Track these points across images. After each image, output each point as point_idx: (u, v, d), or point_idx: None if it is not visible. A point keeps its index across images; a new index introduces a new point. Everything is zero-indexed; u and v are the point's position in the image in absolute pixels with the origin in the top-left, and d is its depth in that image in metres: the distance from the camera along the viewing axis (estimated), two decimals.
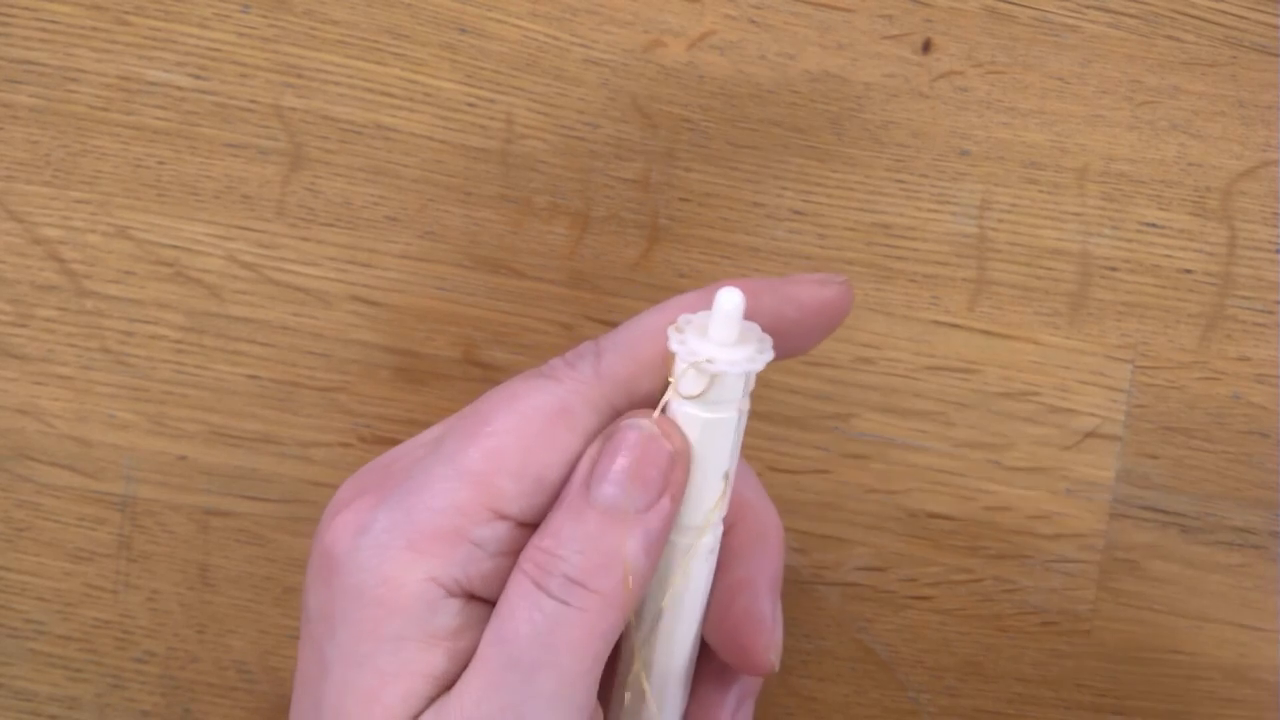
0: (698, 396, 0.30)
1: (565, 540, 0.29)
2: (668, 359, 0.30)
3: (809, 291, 0.31)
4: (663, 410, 0.30)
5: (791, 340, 0.31)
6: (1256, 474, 0.40)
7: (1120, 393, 0.40)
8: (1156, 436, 0.40)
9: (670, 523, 0.30)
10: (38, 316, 0.40)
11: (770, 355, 0.30)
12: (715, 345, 0.29)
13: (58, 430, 0.40)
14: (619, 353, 0.31)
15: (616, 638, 0.30)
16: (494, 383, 0.40)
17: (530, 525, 0.30)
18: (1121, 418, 0.40)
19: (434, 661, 0.30)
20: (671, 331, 0.30)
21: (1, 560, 0.40)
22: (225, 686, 0.40)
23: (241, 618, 0.40)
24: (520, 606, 0.29)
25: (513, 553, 0.30)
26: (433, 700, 0.30)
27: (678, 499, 0.30)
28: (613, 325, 0.40)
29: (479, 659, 0.29)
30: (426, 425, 0.39)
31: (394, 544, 0.30)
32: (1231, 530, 0.40)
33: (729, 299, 0.29)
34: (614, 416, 0.30)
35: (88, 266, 0.40)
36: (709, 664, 0.34)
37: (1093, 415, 0.40)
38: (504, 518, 0.30)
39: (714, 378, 0.29)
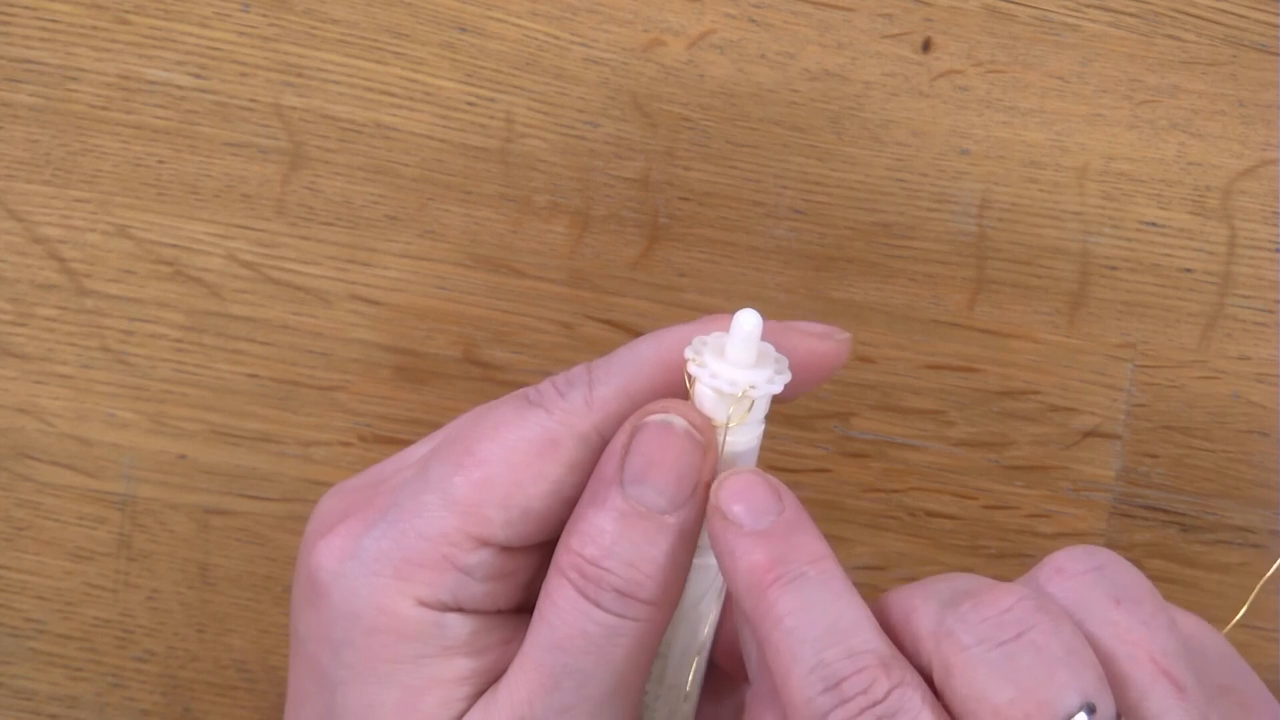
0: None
1: (609, 549, 0.29)
2: (686, 382, 0.30)
3: (807, 345, 0.31)
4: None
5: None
6: (1256, 473, 0.40)
7: (1120, 392, 0.40)
8: (1156, 436, 0.40)
9: (703, 513, 0.30)
10: (38, 315, 0.40)
11: (788, 376, 0.30)
12: (733, 367, 0.29)
13: (57, 429, 0.40)
14: (611, 385, 0.30)
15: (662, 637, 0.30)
16: (494, 382, 0.40)
17: (516, 550, 0.30)
18: (1121, 417, 0.40)
19: (461, 666, 0.30)
20: (688, 353, 0.30)
21: (1, 559, 0.40)
22: (225, 686, 0.40)
23: (241, 617, 0.40)
24: (571, 616, 0.29)
25: (500, 577, 0.30)
26: (470, 699, 0.30)
27: (709, 488, 0.30)
28: (613, 324, 0.40)
29: (528, 661, 0.29)
30: (427, 424, 0.39)
31: (383, 572, 0.30)
32: (1231, 530, 0.40)
33: (748, 321, 0.29)
34: (603, 446, 0.30)
35: (88, 265, 0.40)
36: (726, 699, 0.34)
37: (1093, 414, 0.40)
38: (489, 545, 0.30)
39: (735, 400, 0.29)
